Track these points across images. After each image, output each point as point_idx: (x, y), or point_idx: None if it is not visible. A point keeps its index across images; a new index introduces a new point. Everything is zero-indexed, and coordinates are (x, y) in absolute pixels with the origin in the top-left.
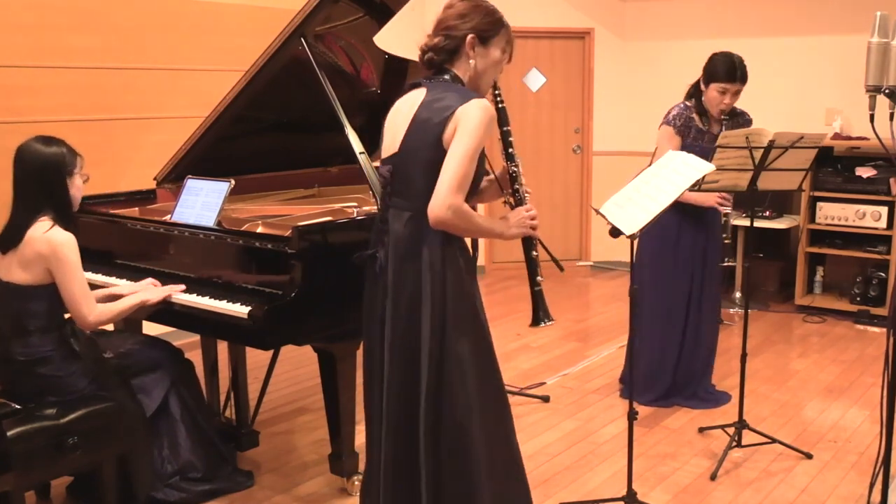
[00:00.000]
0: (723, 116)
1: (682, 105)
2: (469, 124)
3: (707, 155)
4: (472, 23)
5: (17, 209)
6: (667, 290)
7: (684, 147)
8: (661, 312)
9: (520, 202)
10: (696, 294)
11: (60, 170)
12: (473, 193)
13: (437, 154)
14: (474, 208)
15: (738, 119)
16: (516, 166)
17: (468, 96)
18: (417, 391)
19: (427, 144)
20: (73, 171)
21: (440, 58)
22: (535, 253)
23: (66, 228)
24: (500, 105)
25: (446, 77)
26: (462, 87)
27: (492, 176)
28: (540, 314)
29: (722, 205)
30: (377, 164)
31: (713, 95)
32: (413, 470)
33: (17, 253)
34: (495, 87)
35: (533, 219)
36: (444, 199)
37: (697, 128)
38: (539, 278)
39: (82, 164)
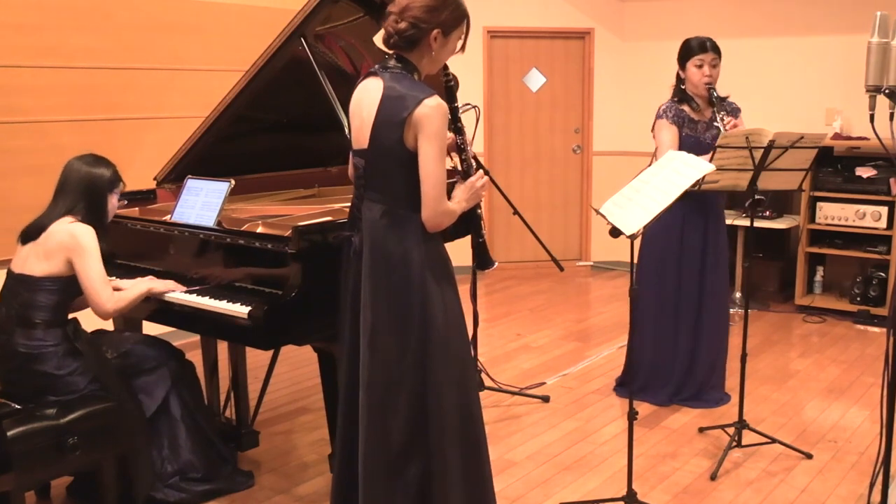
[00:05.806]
0: (712, 94)
1: (668, 102)
2: (429, 130)
3: (702, 145)
4: (441, 17)
5: (52, 209)
6: (674, 287)
7: (681, 139)
8: (669, 310)
9: (467, 172)
10: (702, 289)
11: (104, 188)
12: None
13: (403, 153)
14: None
15: (725, 105)
16: (462, 136)
17: (420, 94)
18: (399, 382)
19: (392, 144)
20: (115, 189)
21: (402, 44)
22: (479, 210)
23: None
24: (449, 84)
25: (399, 65)
26: (414, 78)
27: None
28: (485, 260)
29: None
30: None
31: (693, 72)
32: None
33: (38, 244)
34: (444, 68)
35: (483, 187)
36: (435, 209)
37: (690, 118)
38: (483, 231)
39: (123, 187)
